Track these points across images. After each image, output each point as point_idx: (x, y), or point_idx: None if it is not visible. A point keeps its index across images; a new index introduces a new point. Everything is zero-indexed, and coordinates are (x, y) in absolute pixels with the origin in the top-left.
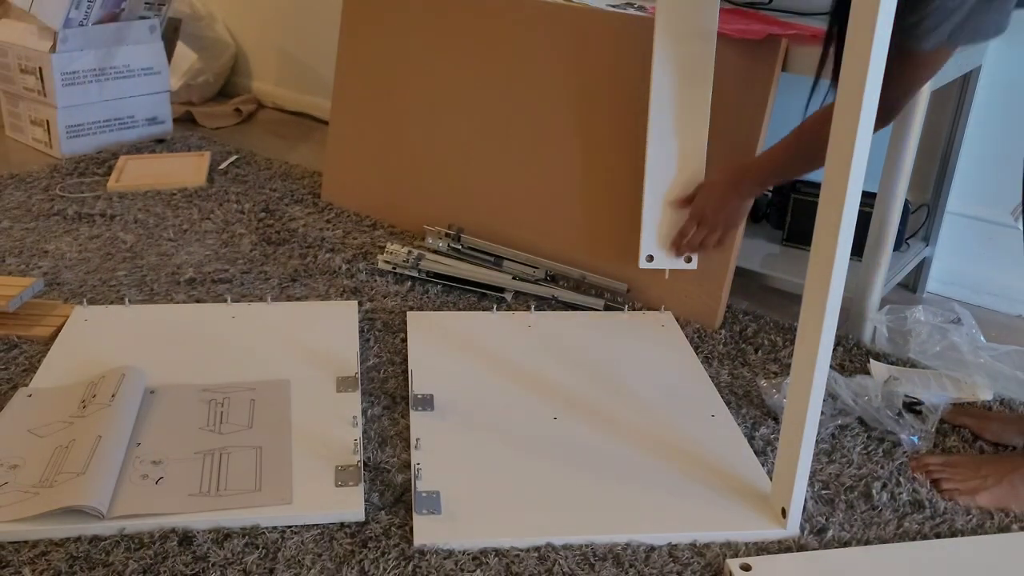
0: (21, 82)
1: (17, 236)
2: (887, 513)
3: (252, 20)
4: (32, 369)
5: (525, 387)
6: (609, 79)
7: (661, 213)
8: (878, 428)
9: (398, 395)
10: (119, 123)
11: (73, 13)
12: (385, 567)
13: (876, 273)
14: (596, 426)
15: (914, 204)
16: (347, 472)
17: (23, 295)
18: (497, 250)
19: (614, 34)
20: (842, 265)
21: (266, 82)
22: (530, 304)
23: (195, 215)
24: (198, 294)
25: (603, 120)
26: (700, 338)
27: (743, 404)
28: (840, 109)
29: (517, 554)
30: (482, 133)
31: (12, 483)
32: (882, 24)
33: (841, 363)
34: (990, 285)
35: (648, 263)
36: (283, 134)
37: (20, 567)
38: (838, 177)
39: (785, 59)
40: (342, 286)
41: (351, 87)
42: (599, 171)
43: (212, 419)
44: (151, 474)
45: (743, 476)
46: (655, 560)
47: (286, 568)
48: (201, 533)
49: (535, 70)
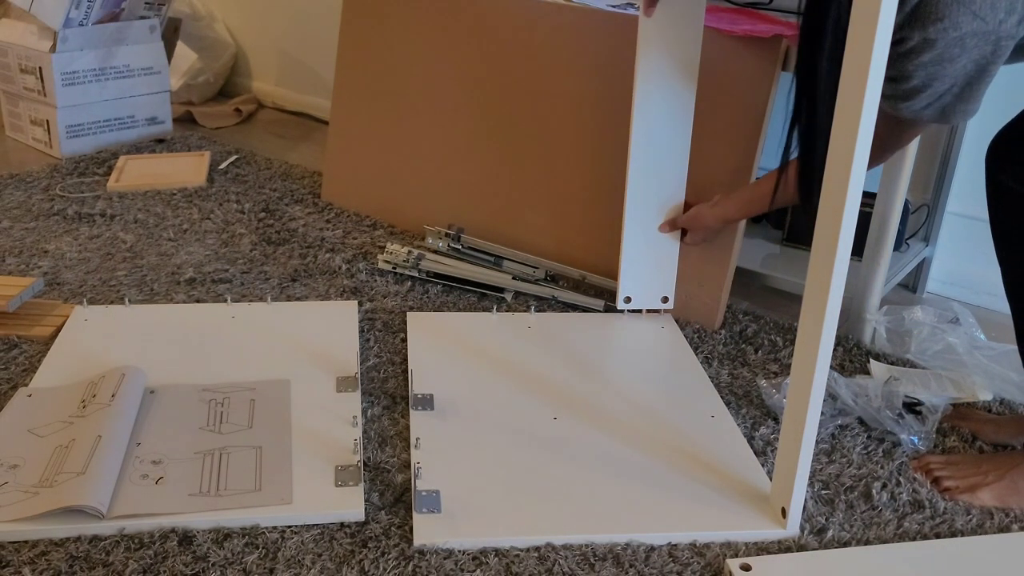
0: (21, 82)
1: (17, 236)
2: (887, 513)
3: (252, 20)
4: (32, 369)
5: (525, 387)
6: (609, 79)
7: (640, 256)
8: (878, 428)
9: (398, 395)
10: (119, 123)
11: (73, 13)
12: (385, 567)
13: (876, 273)
14: (596, 426)
15: (914, 204)
16: (347, 472)
17: (23, 295)
18: (497, 250)
19: (614, 34)
20: (842, 265)
21: (266, 82)
22: (530, 304)
23: (195, 215)
24: (198, 294)
25: (603, 120)
26: (700, 338)
27: (743, 404)
28: (841, 109)
29: (517, 554)
30: (482, 133)
31: (12, 483)
32: (883, 24)
33: (841, 363)
34: (990, 285)
35: (626, 304)
36: (283, 134)
37: (20, 567)
38: (838, 177)
39: (786, 59)
40: (342, 286)
41: (351, 87)
42: (599, 171)
43: (212, 419)
44: (151, 474)
45: (743, 476)
46: (655, 560)
47: (286, 568)
48: (201, 533)
49: (535, 70)
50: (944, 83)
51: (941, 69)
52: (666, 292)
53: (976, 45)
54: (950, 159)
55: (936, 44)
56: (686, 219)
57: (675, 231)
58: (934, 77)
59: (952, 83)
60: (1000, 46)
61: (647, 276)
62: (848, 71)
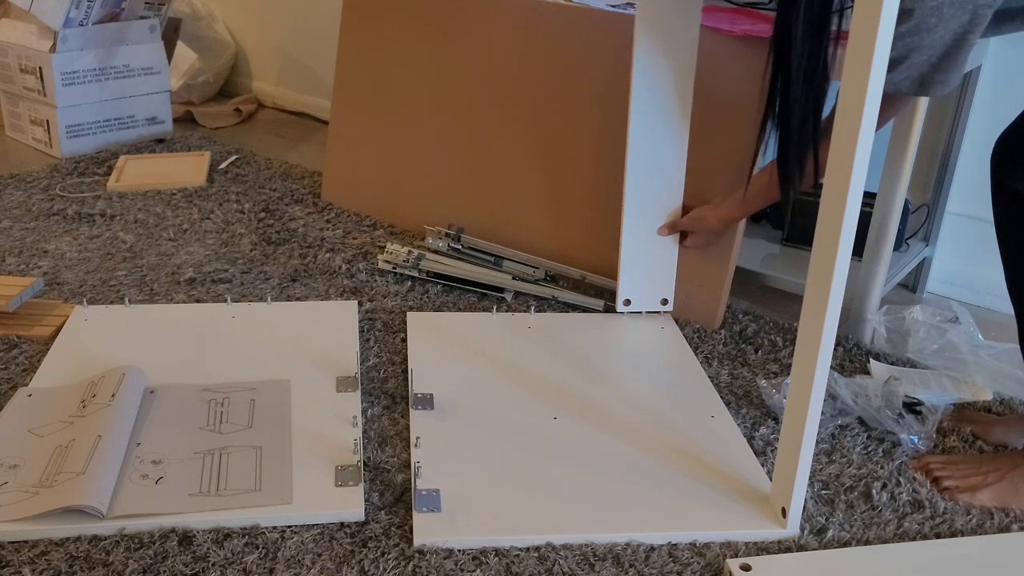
0: (21, 82)
1: (17, 236)
2: (887, 513)
3: (252, 20)
4: (32, 369)
5: (525, 387)
6: (609, 79)
7: (639, 258)
8: (878, 428)
9: (398, 395)
10: (119, 123)
11: (73, 13)
12: (385, 567)
13: (876, 273)
14: (596, 426)
15: (914, 204)
16: (347, 472)
17: (23, 295)
18: (497, 250)
19: (614, 34)
20: (843, 265)
21: (266, 82)
22: (530, 304)
23: (195, 215)
24: (198, 294)
25: (603, 120)
26: (700, 338)
27: (743, 404)
28: (842, 109)
29: (517, 554)
30: (482, 133)
31: (12, 483)
32: (884, 24)
33: (841, 363)
34: (990, 285)
35: (625, 307)
36: (283, 134)
37: (20, 567)
38: (839, 177)
39: None
40: (342, 286)
41: (351, 87)
42: (599, 171)
43: (212, 419)
44: (151, 474)
45: (743, 476)
46: (655, 560)
47: (286, 568)
48: (201, 533)
49: (535, 70)
50: (922, 54)
51: (919, 39)
52: (666, 294)
53: (953, 15)
54: (950, 159)
55: (913, 14)
56: (688, 222)
57: (675, 233)
58: (911, 48)
59: (930, 54)
60: (978, 15)
61: (646, 278)
62: (849, 70)
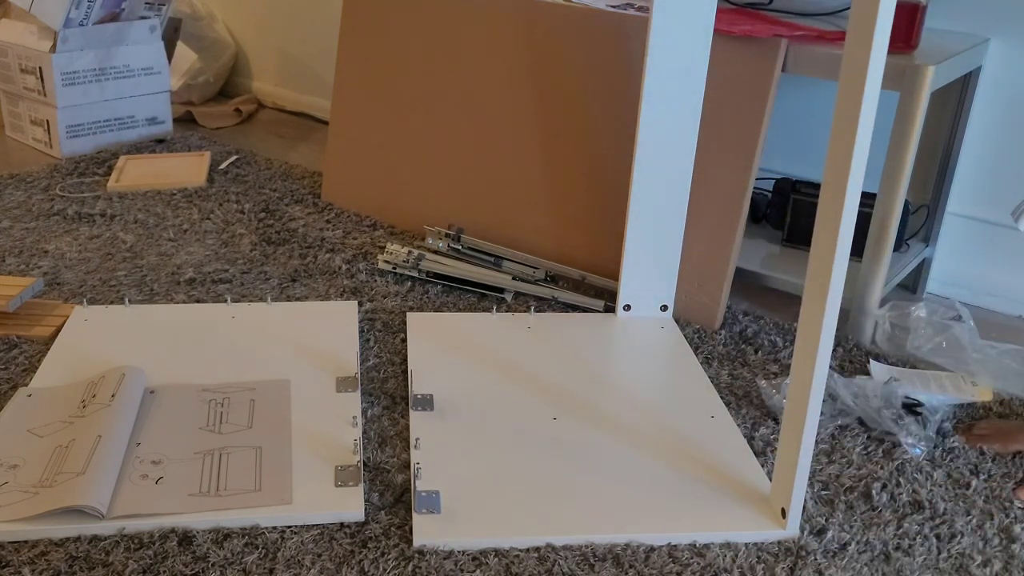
0: (21, 82)
1: (17, 236)
2: (887, 513)
3: (252, 20)
4: (32, 369)
5: (525, 387)
6: (609, 79)
7: (640, 264)
8: (878, 429)
9: (398, 395)
10: (119, 123)
11: (73, 13)
12: (385, 567)
13: (876, 274)
14: (596, 426)
15: (914, 204)
16: (347, 472)
17: (23, 295)
18: (497, 250)
19: (614, 34)
20: (842, 265)
21: (266, 82)
22: (530, 305)
23: (195, 215)
24: (198, 294)
25: (603, 120)
26: (700, 339)
27: (743, 404)
28: (840, 109)
29: (517, 554)
30: (482, 133)
31: (12, 483)
32: (882, 24)
33: (841, 363)
34: (990, 286)
35: (625, 312)
36: (283, 134)
37: (20, 567)
38: (838, 177)
39: (785, 59)
40: (342, 286)
41: (351, 87)
42: (599, 171)
43: (212, 419)
44: (151, 474)
45: (743, 476)
46: (655, 560)
47: (286, 568)
48: (201, 533)
49: (535, 70)
50: None
51: None
52: (666, 301)
53: None
54: (950, 159)
55: None
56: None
57: None
58: None
59: None
60: None
61: (647, 284)
62: (847, 70)
